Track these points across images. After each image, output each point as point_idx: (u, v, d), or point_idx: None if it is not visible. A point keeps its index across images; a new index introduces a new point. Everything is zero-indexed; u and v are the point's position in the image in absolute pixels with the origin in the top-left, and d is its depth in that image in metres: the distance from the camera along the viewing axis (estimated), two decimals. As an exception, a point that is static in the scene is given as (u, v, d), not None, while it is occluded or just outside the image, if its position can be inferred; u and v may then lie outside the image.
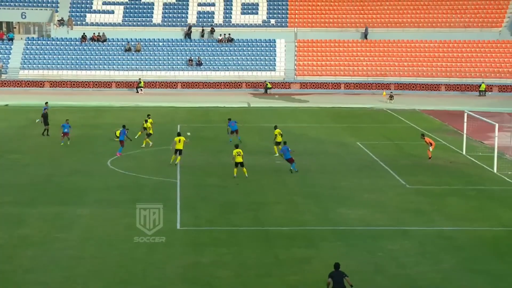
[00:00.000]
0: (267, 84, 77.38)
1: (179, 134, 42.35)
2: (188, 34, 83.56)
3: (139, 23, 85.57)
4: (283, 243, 28.68)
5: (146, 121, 48.56)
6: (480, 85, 75.12)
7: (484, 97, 74.02)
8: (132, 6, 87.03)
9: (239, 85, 78.99)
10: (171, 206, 33.74)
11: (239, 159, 39.18)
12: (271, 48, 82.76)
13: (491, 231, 30.37)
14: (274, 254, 27.42)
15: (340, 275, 22.39)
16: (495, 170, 40.98)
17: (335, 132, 52.99)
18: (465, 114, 47.54)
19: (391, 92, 72.52)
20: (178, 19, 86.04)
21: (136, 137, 48.09)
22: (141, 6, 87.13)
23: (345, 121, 57.64)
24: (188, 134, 43.95)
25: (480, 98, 73.48)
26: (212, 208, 33.54)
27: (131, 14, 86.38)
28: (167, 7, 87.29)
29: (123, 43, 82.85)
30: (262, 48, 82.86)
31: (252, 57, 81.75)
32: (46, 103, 55.57)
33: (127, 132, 45.35)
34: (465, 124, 47.35)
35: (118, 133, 45.84)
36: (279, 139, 44.48)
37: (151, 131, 47.93)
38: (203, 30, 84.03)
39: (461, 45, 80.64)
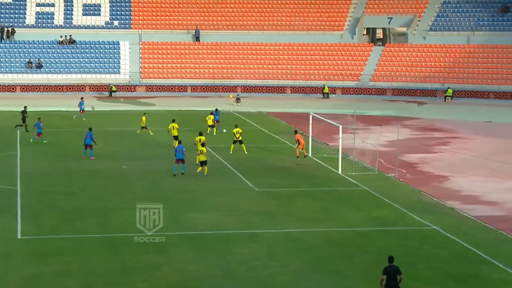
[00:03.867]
0: (112, 87, 76.34)
1: (203, 145, 42.02)
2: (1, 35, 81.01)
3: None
4: (131, 249, 28.38)
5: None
6: (323, 87, 77.28)
7: (327, 99, 76.21)
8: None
9: (83, 88, 77.55)
10: (11, 214, 32.69)
11: (202, 158, 40.39)
12: (115, 50, 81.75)
13: (338, 232, 31.26)
14: (122, 261, 27.08)
15: (394, 270, 22.33)
16: (339, 171, 42.25)
17: (182, 136, 52.86)
18: (310, 116, 48.76)
19: (238, 95, 73.34)
20: (16, 20, 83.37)
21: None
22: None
23: (192, 124, 57.69)
24: (224, 131, 48.37)
25: (324, 100, 75.60)
26: (56, 216, 32.73)
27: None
28: (3, 7, 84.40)
29: (-43, 44, 79.53)
30: (106, 50, 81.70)
31: (96, 60, 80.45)
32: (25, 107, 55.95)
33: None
34: (310, 126, 48.56)
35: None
36: (237, 136, 47.05)
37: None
38: (2, 29, 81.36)
39: (305, 48, 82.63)
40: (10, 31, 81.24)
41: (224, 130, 54.37)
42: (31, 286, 24.80)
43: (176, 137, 47.89)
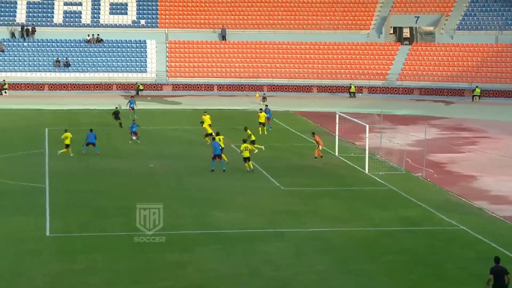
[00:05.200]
0: (139, 85, 76.61)
1: (217, 137, 42.80)
2: (22, 34, 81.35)
3: (1, 22, 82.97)
4: (157, 248, 28.47)
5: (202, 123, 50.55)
6: (350, 86, 77.03)
7: (354, 98, 75.96)
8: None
9: (110, 86, 77.93)
10: (40, 212, 32.97)
11: (246, 154, 40.84)
12: (142, 49, 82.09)
13: (363, 231, 31.18)
14: (148, 260, 27.19)
15: (502, 270, 22.12)
16: (366, 171, 42.11)
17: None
18: (337, 116, 48.63)
19: (264, 94, 73.31)
20: (44, 19, 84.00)
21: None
22: (3, 5, 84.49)
23: (219, 123, 57.74)
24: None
25: (351, 99, 75.37)
26: (83, 214, 32.95)
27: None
28: (31, 6, 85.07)
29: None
30: (133, 49, 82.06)
31: (122, 58, 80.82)
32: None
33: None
34: (337, 125, 48.41)
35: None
36: (253, 137, 45.70)
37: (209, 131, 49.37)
38: (22, 28, 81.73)
39: (331, 47, 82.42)
40: (31, 30, 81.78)
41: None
42: (59, 283, 24.99)
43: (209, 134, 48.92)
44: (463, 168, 44.36)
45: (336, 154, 46.69)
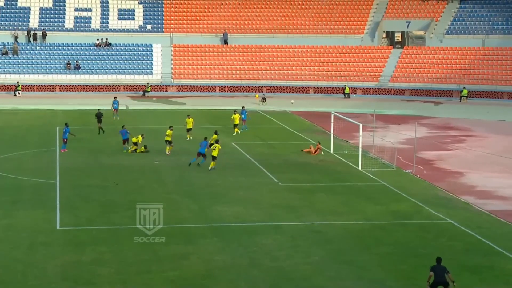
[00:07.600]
0: (147, 87, 76.43)
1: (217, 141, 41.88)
2: (28, 38, 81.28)
3: (15, 27, 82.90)
4: (162, 241, 28.47)
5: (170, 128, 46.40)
6: (345, 87, 77.03)
7: (348, 99, 75.94)
8: (8, 9, 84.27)
9: (117, 88, 77.90)
10: (51, 206, 32.99)
11: (214, 153, 40.59)
12: (148, 53, 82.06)
13: (357, 225, 31.20)
14: (153, 251, 27.22)
15: (442, 269, 22.22)
16: (360, 167, 42.12)
17: (211, 133, 53.01)
18: (332, 115, 48.65)
19: (263, 95, 73.33)
20: (56, 24, 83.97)
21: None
22: (17, 10, 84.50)
23: (221, 122, 57.83)
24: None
25: (345, 100, 75.35)
26: (92, 208, 32.98)
27: (7, 18, 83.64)
28: (44, 11, 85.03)
29: None
30: (139, 52, 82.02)
31: (130, 61, 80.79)
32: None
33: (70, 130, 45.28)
34: (332, 124, 48.45)
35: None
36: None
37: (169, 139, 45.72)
38: (28, 32, 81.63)
39: (327, 50, 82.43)
40: (42, 34, 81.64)
41: (247, 128, 53.93)
42: (69, 273, 25.03)
43: (189, 129, 49.37)
44: (451, 165, 44.37)
45: (331, 151, 46.70)
